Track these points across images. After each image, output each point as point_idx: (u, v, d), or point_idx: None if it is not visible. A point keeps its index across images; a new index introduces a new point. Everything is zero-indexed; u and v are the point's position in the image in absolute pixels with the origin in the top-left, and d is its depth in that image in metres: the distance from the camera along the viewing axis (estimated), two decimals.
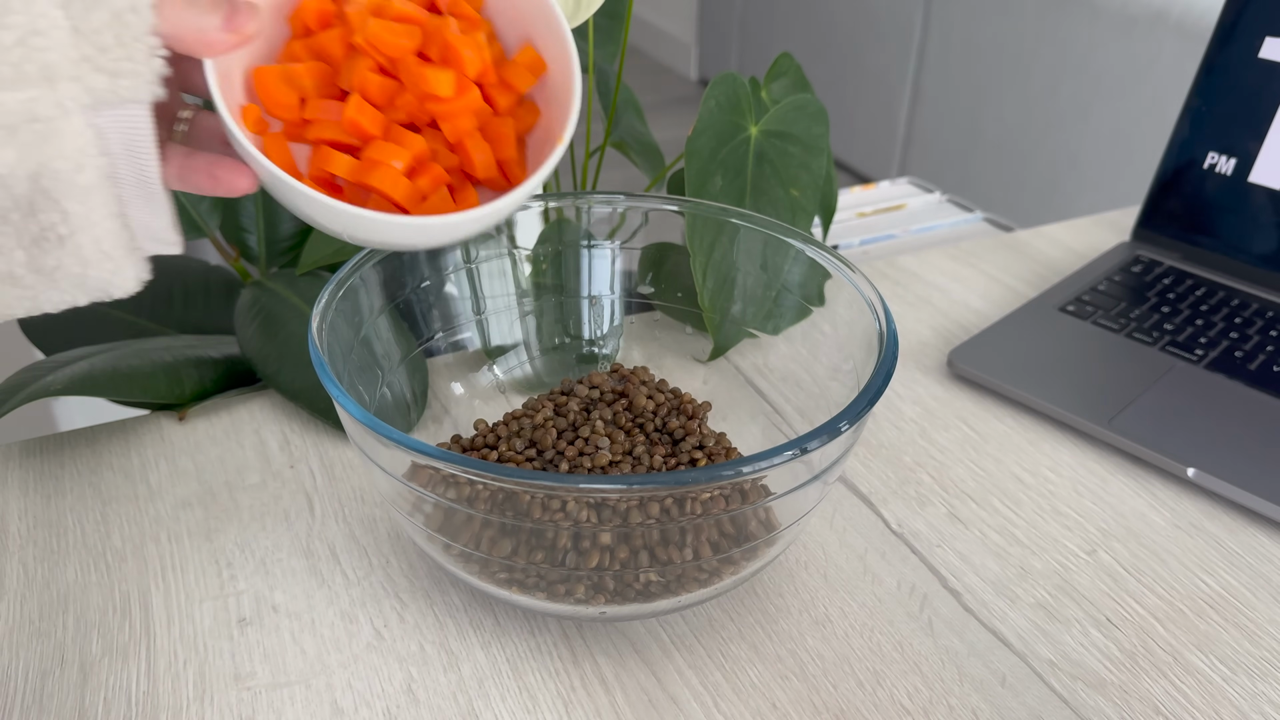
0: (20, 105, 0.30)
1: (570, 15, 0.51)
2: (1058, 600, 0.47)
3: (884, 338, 0.43)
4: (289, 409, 0.58)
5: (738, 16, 2.90)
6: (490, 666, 0.43)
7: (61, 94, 0.31)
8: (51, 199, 0.32)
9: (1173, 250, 0.74)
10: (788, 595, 0.47)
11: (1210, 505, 0.53)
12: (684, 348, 0.58)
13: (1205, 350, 0.62)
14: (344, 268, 0.45)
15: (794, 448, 0.36)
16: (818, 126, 0.63)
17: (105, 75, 0.31)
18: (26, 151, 0.31)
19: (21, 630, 0.44)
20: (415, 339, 0.52)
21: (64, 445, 0.55)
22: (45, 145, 0.31)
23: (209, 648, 0.43)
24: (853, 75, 2.46)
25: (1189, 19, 1.67)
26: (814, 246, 0.49)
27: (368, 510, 0.51)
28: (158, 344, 0.59)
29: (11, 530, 0.49)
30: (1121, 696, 0.42)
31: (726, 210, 0.52)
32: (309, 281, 0.62)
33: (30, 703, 0.41)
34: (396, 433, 0.36)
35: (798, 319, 0.52)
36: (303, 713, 0.40)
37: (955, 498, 0.53)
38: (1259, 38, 0.68)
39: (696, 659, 0.43)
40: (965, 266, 0.76)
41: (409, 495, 0.40)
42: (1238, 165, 0.70)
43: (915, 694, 0.42)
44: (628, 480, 0.36)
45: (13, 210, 0.32)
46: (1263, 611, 0.47)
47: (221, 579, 0.47)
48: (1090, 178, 1.90)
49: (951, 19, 2.15)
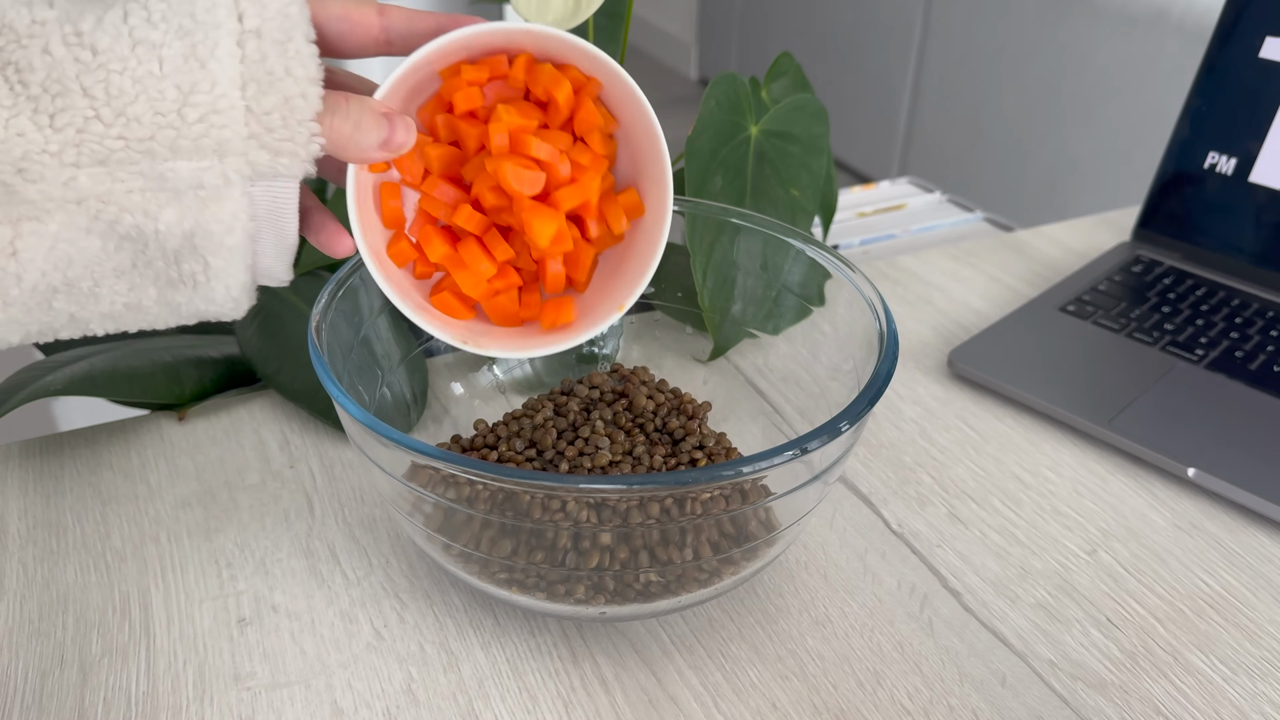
0: (191, 173, 0.33)
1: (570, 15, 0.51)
2: (1058, 600, 0.47)
3: (884, 338, 0.43)
4: (289, 409, 0.58)
5: (738, 16, 2.90)
6: (490, 666, 0.43)
7: (228, 166, 0.34)
8: (198, 253, 0.35)
9: (1173, 250, 0.74)
10: (788, 595, 0.47)
11: (1210, 505, 0.53)
12: (684, 348, 0.58)
13: (1205, 350, 0.62)
14: (344, 268, 0.45)
15: (794, 448, 0.36)
16: (818, 126, 0.63)
17: (269, 152, 0.34)
18: (187, 213, 0.34)
19: (21, 630, 0.44)
20: (415, 339, 0.52)
21: (64, 445, 0.55)
22: (205, 209, 0.34)
23: (209, 648, 0.43)
24: (853, 75, 2.46)
25: (1189, 19, 1.67)
26: (814, 246, 0.49)
27: (368, 510, 0.51)
28: (158, 344, 0.59)
29: (11, 530, 0.49)
30: (1122, 697, 0.42)
31: (726, 210, 0.52)
32: (309, 281, 0.61)
33: (30, 703, 0.41)
34: (396, 433, 0.36)
35: (798, 319, 0.52)
36: (303, 713, 0.40)
37: (955, 498, 0.53)
38: (1259, 37, 0.68)
39: (696, 659, 0.43)
40: (965, 266, 0.76)
41: (409, 495, 0.40)
42: (1238, 165, 0.70)
43: (915, 694, 0.42)
44: (628, 480, 0.36)
45: (159, 259, 0.35)
46: (1263, 611, 0.47)
47: (221, 579, 0.47)
48: (1090, 178, 1.90)
49: (951, 19, 2.15)
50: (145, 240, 0.34)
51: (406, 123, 0.38)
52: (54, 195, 0.32)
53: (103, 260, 0.34)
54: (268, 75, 0.33)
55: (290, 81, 0.34)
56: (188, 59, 0.32)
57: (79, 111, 0.31)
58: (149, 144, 0.32)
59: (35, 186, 0.31)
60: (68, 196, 0.32)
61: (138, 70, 0.32)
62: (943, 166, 2.26)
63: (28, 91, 0.31)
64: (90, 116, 0.31)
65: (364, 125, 0.37)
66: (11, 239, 0.32)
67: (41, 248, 0.32)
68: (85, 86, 0.31)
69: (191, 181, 0.33)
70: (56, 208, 0.32)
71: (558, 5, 0.51)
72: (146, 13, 0.32)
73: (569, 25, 0.51)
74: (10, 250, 0.32)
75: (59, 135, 0.31)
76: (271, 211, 0.36)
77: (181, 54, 0.32)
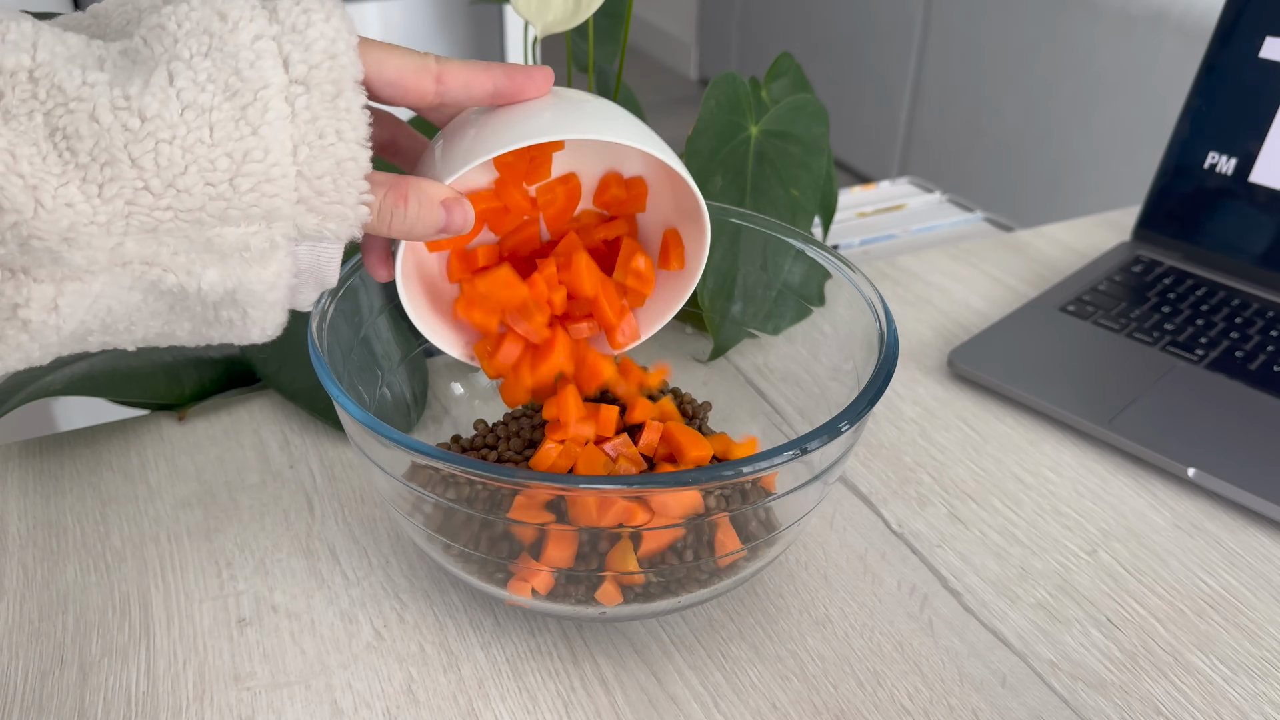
0: (238, 238, 0.33)
1: (570, 16, 0.51)
2: (1058, 600, 0.47)
3: (884, 338, 0.43)
4: (289, 409, 0.58)
5: (738, 16, 2.90)
6: (490, 667, 0.43)
7: (275, 231, 0.33)
8: (239, 306, 0.35)
9: (1173, 250, 0.74)
10: (788, 595, 0.47)
11: (1211, 505, 0.53)
12: (684, 348, 0.58)
13: (1206, 350, 0.62)
14: (344, 268, 0.45)
15: (794, 448, 0.36)
16: (818, 126, 0.63)
17: (317, 216, 0.33)
18: (230, 273, 0.33)
19: (21, 630, 0.44)
20: (415, 339, 0.52)
21: (64, 445, 0.55)
22: (248, 270, 0.34)
23: (208, 648, 0.43)
24: (853, 75, 2.46)
25: (1189, 19, 1.67)
26: (814, 246, 0.49)
27: (368, 510, 0.51)
28: None
29: (11, 530, 0.49)
30: (1122, 697, 0.42)
31: (726, 210, 0.52)
32: None
33: (30, 703, 0.41)
34: (396, 433, 0.36)
35: (798, 319, 0.52)
36: (302, 713, 0.40)
37: (955, 498, 0.53)
38: (1259, 37, 0.68)
39: (696, 659, 0.43)
40: (965, 266, 0.76)
41: (409, 495, 0.40)
42: (1238, 165, 0.70)
43: (915, 694, 0.42)
44: (628, 480, 0.36)
45: (198, 306, 0.34)
46: (1263, 612, 0.47)
47: (221, 579, 0.47)
48: (1090, 178, 1.90)
49: (951, 19, 2.15)
50: (187, 294, 0.34)
51: (465, 209, 0.38)
52: (100, 260, 0.31)
53: (141, 308, 0.34)
54: (319, 138, 0.32)
55: (342, 146, 0.33)
56: (238, 123, 0.31)
57: (128, 183, 0.30)
58: (198, 214, 0.31)
59: (82, 254, 0.30)
60: (113, 260, 0.31)
61: (187, 139, 0.30)
62: (943, 166, 2.26)
63: (76, 160, 0.29)
64: (140, 188, 0.30)
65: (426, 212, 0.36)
66: (54, 296, 0.31)
67: (83, 304, 0.32)
68: (134, 157, 0.30)
69: (238, 245, 0.33)
70: (102, 270, 0.31)
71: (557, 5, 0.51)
72: (192, 73, 0.30)
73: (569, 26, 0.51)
74: (52, 306, 0.31)
75: (107, 206, 0.30)
76: (314, 267, 0.36)
77: (232, 118, 0.31)
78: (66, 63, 0.30)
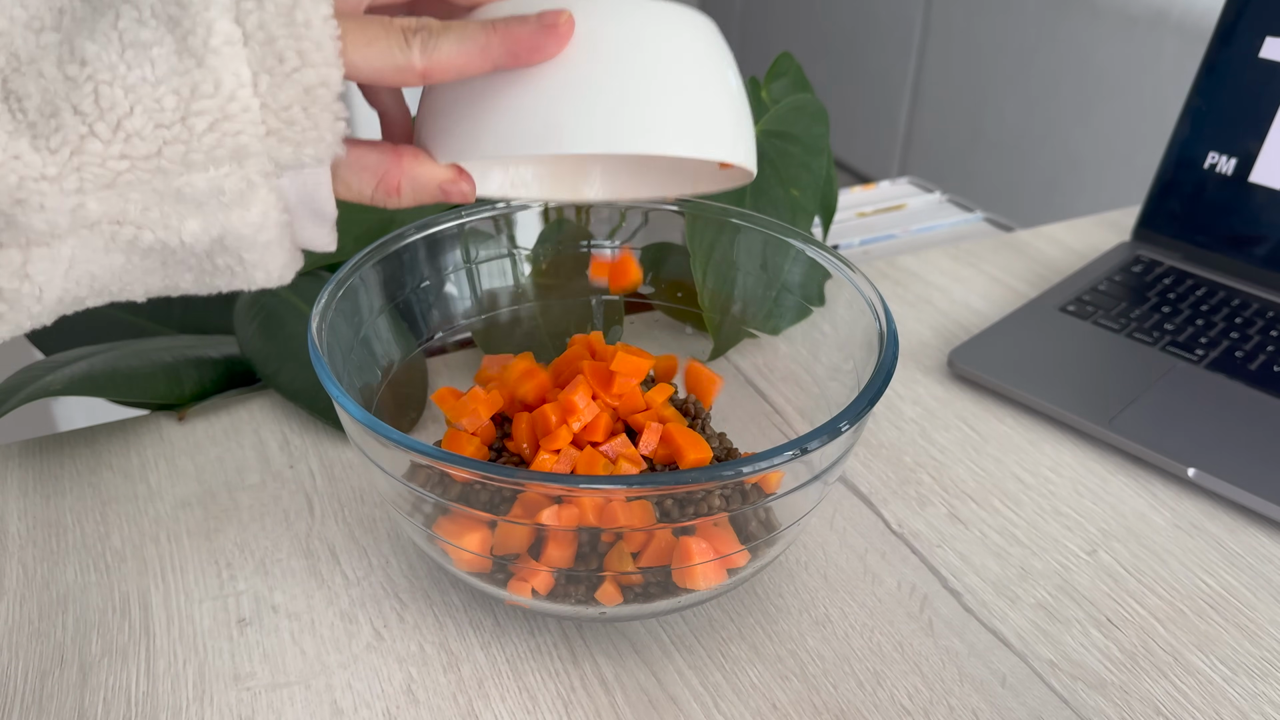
0: (209, 183, 0.31)
1: None
2: (1058, 600, 0.47)
3: (884, 338, 0.43)
4: (289, 409, 0.58)
5: (738, 16, 2.90)
6: (490, 667, 0.43)
7: (249, 169, 0.31)
8: (232, 252, 0.33)
9: (1173, 250, 0.74)
10: (788, 595, 0.47)
11: (1211, 505, 0.53)
12: (684, 348, 0.58)
13: (1206, 350, 0.62)
14: (344, 267, 0.45)
15: (794, 448, 0.36)
16: (818, 126, 0.63)
17: (291, 146, 0.31)
18: (212, 220, 0.31)
19: (21, 630, 0.44)
20: (415, 339, 0.52)
21: (63, 445, 0.55)
22: (230, 214, 0.31)
23: (208, 648, 0.43)
24: (853, 75, 2.46)
25: (1189, 19, 1.67)
26: (814, 246, 0.49)
27: (368, 510, 0.51)
28: (158, 344, 0.59)
29: (11, 530, 0.49)
30: (1122, 697, 0.42)
31: (726, 210, 0.52)
32: (309, 281, 0.61)
33: (30, 703, 0.41)
34: (396, 433, 0.36)
35: (798, 319, 0.52)
36: (302, 713, 0.40)
37: (955, 498, 0.53)
38: (1259, 37, 0.68)
39: (696, 659, 0.43)
40: (965, 266, 0.76)
41: (409, 495, 0.40)
42: (1238, 165, 0.70)
43: (915, 694, 0.42)
44: (628, 480, 0.36)
45: (190, 259, 0.32)
46: (1263, 612, 0.47)
47: (221, 579, 0.47)
48: (1090, 178, 1.90)
49: (951, 19, 2.15)
50: (171, 249, 0.32)
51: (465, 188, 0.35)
52: (61, 224, 0.30)
53: (128, 270, 0.32)
54: (279, 63, 0.30)
55: (308, 71, 0.30)
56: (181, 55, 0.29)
57: (72, 130, 0.29)
58: (156, 161, 0.30)
59: (39, 216, 0.29)
60: (78, 223, 0.30)
61: (128, 78, 0.29)
62: (943, 166, 2.26)
63: (26, 118, 0.29)
64: (84, 134, 0.29)
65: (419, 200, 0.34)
66: (22, 263, 0.30)
67: (57, 271, 0.31)
68: (75, 104, 0.29)
69: (210, 191, 0.31)
70: (67, 233, 0.30)
71: None
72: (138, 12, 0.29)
73: None
74: (22, 273, 0.30)
75: (55, 158, 0.29)
76: (304, 197, 0.33)
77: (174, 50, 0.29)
78: (24, 28, 0.29)
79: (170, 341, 0.60)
